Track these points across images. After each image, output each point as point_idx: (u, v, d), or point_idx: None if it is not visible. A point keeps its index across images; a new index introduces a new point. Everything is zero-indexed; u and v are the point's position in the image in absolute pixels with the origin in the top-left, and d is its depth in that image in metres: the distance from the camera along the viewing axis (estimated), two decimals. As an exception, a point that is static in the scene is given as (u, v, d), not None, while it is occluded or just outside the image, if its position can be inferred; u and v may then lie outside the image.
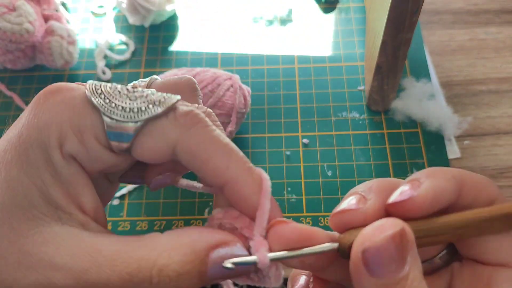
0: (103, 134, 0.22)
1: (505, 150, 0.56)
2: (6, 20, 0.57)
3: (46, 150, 0.21)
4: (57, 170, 0.21)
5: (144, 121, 0.22)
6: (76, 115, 0.22)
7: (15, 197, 0.21)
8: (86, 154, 0.22)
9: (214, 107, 0.52)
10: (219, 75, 0.53)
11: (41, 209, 0.21)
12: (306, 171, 0.56)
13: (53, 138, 0.21)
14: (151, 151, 0.22)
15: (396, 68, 0.53)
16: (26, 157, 0.21)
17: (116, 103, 0.22)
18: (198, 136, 0.22)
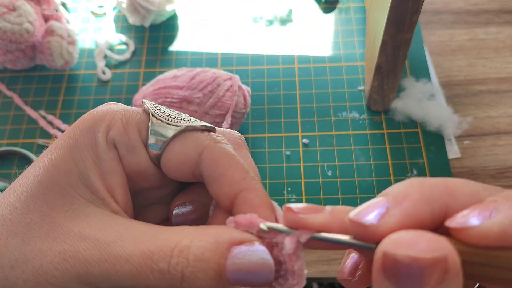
0: (146, 131, 0.24)
1: (505, 150, 0.56)
2: (6, 20, 0.57)
3: (94, 134, 0.23)
4: (99, 155, 0.23)
5: (185, 127, 0.24)
6: (128, 112, 0.25)
7: (56, 175, 0.22)
8: (126, 143, 0.24)
9: (214, 107, 0.52)
10: (219, 75, 0.53)
11: (78, 189, 0.22)
12: (306, 171, 0.56)
13: (103, 124, 0.24)
14: (180, 155, 0.24)
15: (396, 68, 0.53)
16: (75, 141, 0.23)
17: (164, 111, 0.25)
18: (223, 149, 0.24)
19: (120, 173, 0.24)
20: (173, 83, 0.52)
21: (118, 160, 0.24)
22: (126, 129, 0.24)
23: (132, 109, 0.25)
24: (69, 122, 0.61)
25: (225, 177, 0.23)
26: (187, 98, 0.51)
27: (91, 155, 0.23)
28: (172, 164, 0.24)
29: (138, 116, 0.25)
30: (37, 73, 0.66)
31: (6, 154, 0.59)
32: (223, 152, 0.24)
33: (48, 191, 0.22)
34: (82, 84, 0.64)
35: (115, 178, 0.24)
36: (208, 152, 0.24)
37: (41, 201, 0.22)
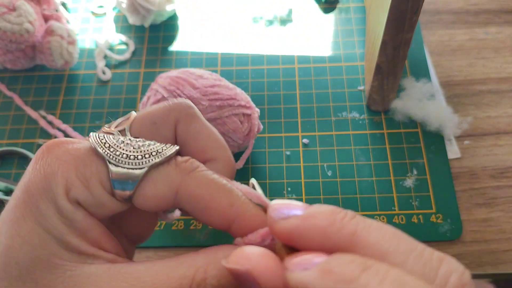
0: (108, 181, 0.23)
1: (505, 150, 0.56)
2: (6, 20, 0.57)
3: (55, 200, 0.22)
4: (68, 218, 0.22)
5: (148, 168, 0.23)
6: (81, 163, 0.22)
7: (33, 251, 0.20)
8: (92, 200, 0.23)
9: (212, 121, 0.51)
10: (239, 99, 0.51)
11: (63, 256, 0.21)
12: (306, 171, 0.56)
13: (60, 187, 0.22)
14: (154, 198, 0.23)
15: (396, 68, 0.53)
16: (37, 209, 0.21)
17: (120, 152, 0.23)
18: (199, 180, 0.23)
19: (97, 225, 0.23)
20: (193, 80, 0.52)
21: (89, 215, 0.23)
22: (88, 187, 0.22)
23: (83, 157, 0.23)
24: (69, 122, 0.61)
25: (211, 210, 0.23)
26: (193, 100, 0.50)
27: (61, 219, 0.21)
28: (148, 206, 0.23)
29: (94, 168, 0.23)
30: (37, 73, 0.66)
31: (6, 154, 0.59)
32: (199, 184, 0.23)
33: (33, 271, 0.20)
34: (82, 84, 0.64)
35: (95, 232, 0.23)
36: (183, 190, 0.23)
37: (32, 284, 0.20)
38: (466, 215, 0.52)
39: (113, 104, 0.62)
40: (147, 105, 0.53)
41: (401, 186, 0.54)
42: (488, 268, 0.49)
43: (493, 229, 0.51)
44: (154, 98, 0.53)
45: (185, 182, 0.23)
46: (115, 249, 0.23)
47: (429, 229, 0.51)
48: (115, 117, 0.61)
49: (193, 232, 0.52)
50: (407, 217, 0.52)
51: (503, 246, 0.50)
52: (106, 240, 0.23)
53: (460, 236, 0.51)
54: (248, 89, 0.62)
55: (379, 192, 0.54)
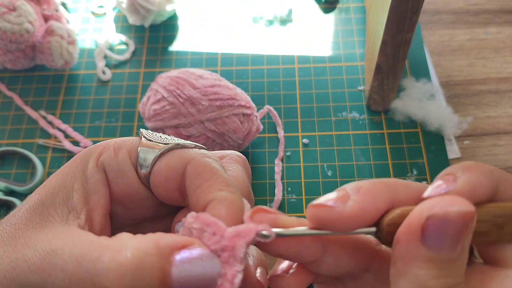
0: (135, 153, 0.25)
1: (505, 150, 0.56)
2: (6, 20, 0.57)
3: (87, 160, 0.25)
4: (87, 177, 0.24)
5: (173, 145, 0.25)
6: (123, 139, 0.26)
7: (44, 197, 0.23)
8: (115, 166, 0.25)
9: (211, 121, 0.51)
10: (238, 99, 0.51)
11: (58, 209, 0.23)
12: (306, 171, 0.56)
13: (97, 151, 0.25)
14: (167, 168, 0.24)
15: (396, 68, 0.53)
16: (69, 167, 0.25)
17: (159, 135, 0.26)
18: (207, 161, 0.24)
19: (103, 195, 0.24)
20: (193, 80, 0.52)
21: (105, 183, 0.25)
22: (117, 154, 0.25)
23: (129, 138, 0.26)
24: (69, 122, 0.61)
25: (202, 188, 0.23)
26: (193, 100, 0.50)
27: (81, 178, 0.24)
28: (158, 181, 0.24)
29: (130, 142, 0.25)
30: (37, 73, 0.66)
31: (6, 154, 0.59)
32: (206, 164, 0.24)
33: (32, 211, 0.23)
34: (82, 84, 0.64)
35: (97, 199, 0.24)
36: (191, 165, 0.24)
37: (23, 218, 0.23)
38: (466, 215, 0.52)
39: (113, 104, 0.62)
40: (147, 105, 0.53)
41: (401, 186, 0.54)
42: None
43: (493, 229, 0.51)
44: (154, 98, 0.53)
45: (195, 160, 0.24)
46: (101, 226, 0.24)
47: (429, 229, 0.51)
48: (115, 117, 0.61)
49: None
50: (407, 217, 0.52)
51: (503, 246, 0.50)
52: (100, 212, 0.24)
53: (460, 236, 0.50)
54: (248, 89, 0.62)
55: (379, 192, 0.54)
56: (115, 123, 0.61)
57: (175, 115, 0.51)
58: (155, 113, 0.52)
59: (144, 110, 0.54)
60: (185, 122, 0.51)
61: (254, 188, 0.55)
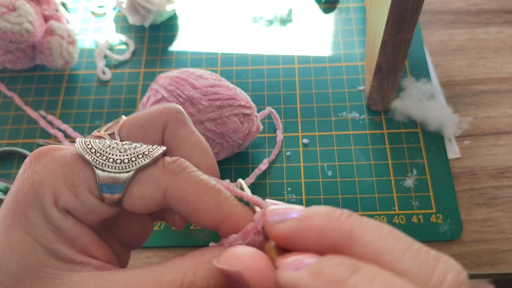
0: (96, 187, 0.23)
1: (505, 150, 0.56)
2: (6, 20, 0.57)
3: (43, 208, 0.22)
4: (57, 226, 0.22)
5: (135, 171, 0.23)
6: (68, 171, 0.23)
7: (22, 260, 0.21)
8: (81, 207, 0.23)
9: (211, 121, 0.51)
10: (238, 99, 0.51)
11: (52, 265, 0.21)
12: (306, 171, 0.56)
13: (48, 195, 0.22)
14: (142, 200, 0.23)
15: (396, 68, 0.53)
16: (25, 218, 0.21)
17: (107, 156, 0.23)
18: (187, 181, 0.23)
19: (86, 232, 0.23)
20: (193, 80, 0.52)
21: (79, 223, 0.23)
22: (76, 194, 0.23)
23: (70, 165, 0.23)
24: (69, 122, 0.61)
25: (199, 211, 0.23)
26: (192, 100, 0.50)
27: (50, 228, 0.22)
28: (137, 208, 0.24)
29: (82, 175, 0.23)
30: (37, 73, 0.66)
31: (6, 154, 0.59)
32: (187, 185, 0.23)
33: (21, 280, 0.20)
34: (82, 84, 0.64)
35: (85, 239, 0.23)
36: (172, 192, 0.23)
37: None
38: (466, 215, 0.52)
39: (113, 104, 0.62)
40: (147, 105, 0.53)
41: (401, 186, 0.54)
42: (488, 268, 0.49)
43: (493, 229, 0.51)
44: (154, 98, 0.53)
45: (173, 184, 0.23)
46: (105, 256, 0.23)
47: (429, 229, 0.51)
48: (115, 117, 0.61)
49: (193, 232, 0.52)
50: (407, 217, 0.52)
51: (503, 246, 0.50)
52: (95, 247, 0.23)
53: (460, 236, 0.51)
54: (248, 89, 0.62)
55: (379, 192, 0.54)
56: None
57: (175, 115, 0.51)
58: (155, 113, 0.52)
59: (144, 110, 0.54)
60: (185, 122, 0.51)
61: (254, 188, 0.55)
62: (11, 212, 0.22)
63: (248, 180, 0.55)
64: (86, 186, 0.23)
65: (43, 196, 0.22)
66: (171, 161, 0.24)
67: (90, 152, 0.23)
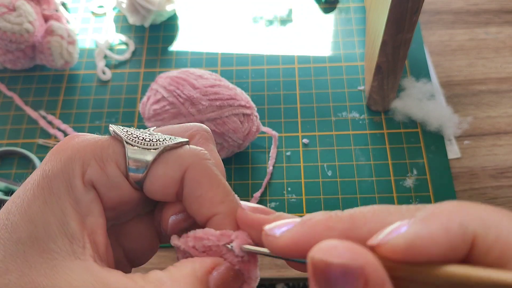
0: (123, 162, 0.24)
1: (505, 150, 0.56)
2: (6, 20, 0.57)
3: (69, 179, 0.22)
4: (77, 198, 0.22)
5: (162, 148, 0.24)
6: (99, 147, 0.24)
7: (34, 230, 0.21)
8: (106, 181, 0.23)
9: (211, 121, 0.51)
10: (238, 99, 0.51)
11: (58, 242, 0.21)
12: (306, 171, 0.56)
13: (77, 167, 0.23)
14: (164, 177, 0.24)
15: (396, 68, 0.53)
16: (49, 189, 0.22)
17: (137, 135, 0.24)
18: (207, 168, 0.24)
19: (99, 214, 0.23)
20: (193, 80, 0.52)
21: (97, 200, 0.23)
22: (103, 168, 0.23)
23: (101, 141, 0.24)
24: (69, 122, 0.61)
25: (204, 199, 0.24)
26: (193, 100, 0.50)
27: (69, 200, 0.22)
28: (156, 188, 0.24)
29: (111, 150, 0.24)
30: (37, 73, 0.66)
31: (6, 154, 0.59)
32: (206, 172, 0.24)
33: (27, 249, 0.21)
34: (82, 84, 0.64)
35: (95, 220, 0.23)
36: (191, 172, 0.24)
37: (21, 260, 0.21)
38: (466, 215, 0.52)
39: (113, 104, 0.62)
40: (147, 105, 0.53)
41: (401, 186, 0.54)
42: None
43: (493, 229, 0.51)
44: (154, 98, 0.53)
45: (195, 165, 0.24)
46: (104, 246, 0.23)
47: (429, 229, 0.51)
48: (115, 117, 0.61)
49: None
50: (407, 217, 0.52)
51: (503, 246, 0.50)
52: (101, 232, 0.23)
53: (460, 236, 0.50)
54: (248, 89, 0.62)
55: (379, 192, 0.54)
56: (115, 123, 0.61)
57: (175, 115, 0.51)
58: (155, 113, 0.52)
59: (144, 110, 0.54)
60: (185, 122, 0.51)
61: (254, 188, 0.55)
62: (36, 184, 0.22)
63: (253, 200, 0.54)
64: (114, 160, 0.23)
65: (72, 167, 0.22)
66: (198, 147, 0.25)
67: (123, 131, 0.24)
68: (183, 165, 0.24)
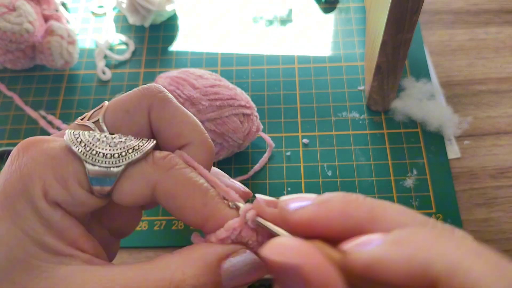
0: (85, 180, 0.23)
1: (505, 150, 0.56)
2: (6, 20, 0.57)
3: (32, 201, 0.22)
4: (46, 219, 0.22)
5: (125, 165, 0.23)
6: (57, 164, 0.22)
7: (10, 252, 0.21)
8: (71, 200, 0.23)
9: (212, 121, 0.51)
10: (238, 99, 0.51)
11: (40, 257, 0.21)
12: (306, 171, 0.56)
13: (37, 188, 0.22)
14: (132, 194, 0.23)
15: (396, 68, 0.53)
16: (14, 211, 0.21)
17: (96, 150, 0.23)
18: (175, 178, 0.23)
19: (75, 225, 0.23)
20: (193, 80, 0.52)
21: (67, 216, 0.23)
22: (66, 187, 0.22)
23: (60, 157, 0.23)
24: (69, 122, 0.61)
25: (185, 209, 0.23)
26: (192, 100, 0.50)
27: (38, 220, 0.21)
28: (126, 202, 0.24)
29: (71, 168, 0.23)
30: (37, 73, 0.66)
31: (6, 154, 0.59)
32: (176, 182, 0.23)
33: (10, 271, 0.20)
34: (82, 84, 0.64)
35: (73, 231, 0.22)
36: (160, 188, 0.23)
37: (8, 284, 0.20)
38: (466, 215, 0.52)
39: (113, 104, 0.62)
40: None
41: (401, 186, 0.54)
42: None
43: (493, 229, 0.51)
44: (154, 98, 0.53)
45: (162, 180, 0.23)
46: (94, 249, 0.23)
47: (429, 229, 0.51)
48: (115, 117, 0.61)
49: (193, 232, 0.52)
50: (407, 217, 0.52)
51: (503, 246, 0.50)
52: (84, 240, 0.23)
53: (460, 236, 0.50)
54: (248, 89, 0.62)
55: (379, 192, 0.54)
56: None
57: (175, 115, 0.51)
58: (155, 113, 0.52)
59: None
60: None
61: (254, 188, 0.55)
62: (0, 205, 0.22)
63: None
64: (76, 179, 0.22)
65: (32, 189, 0.22)
66: (161, 157, 0.24)
67: (80, 146, 0.23)
68: (150, 182, 0.23)
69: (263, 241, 0.23)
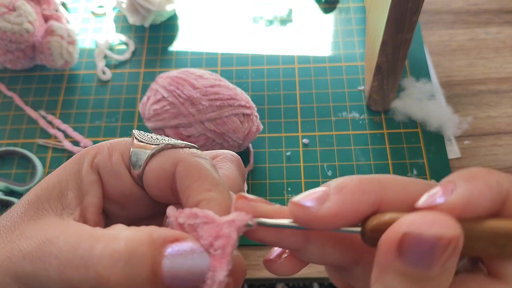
0: (128, 155, 0.26)
1: (505, 150, 0.56)
2: (6, 20, 0.57)
3: (82, 162, 0.26)
4: (81, 178, 0.25)
5: (164, 145, 0.25)
6: (117, 141, 0.27)
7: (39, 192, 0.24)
8: (109, 169, 0.25)
9: (211, 121, 0.51)
10: (238, 99, 0.51)
11: (52, 204, 0.24)
12: (306, 171, 0.56)
13: (91, 153, 0.26)
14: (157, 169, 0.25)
15: (396, 68, 0.53)
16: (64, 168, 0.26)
17: (151, 136, 0.26)
18: (195, 162, 0.25)
19: (97, 195, 0.25)
20: (193, 80, 0.52)
21: (99, 184, 0.25)
22: (110, 156, 0.26)
23: (123, 139, 0.27)
24: (69, 122, 0.61)
25: (192, 189, 0.24)
26: (192, 100, 0.50)
27: (75, 178, 0.25)
28: (151, 181, 0.25)
29: (123, 144, 0.26)
30: (37, 73, 0.66)
31: (6, 154, 0.59)
32: (195, 163, 0.24)
33: (28, 205, 0.24)
34: (82, 84, 0.64)
35: (91, 199, 0.25)
36: (181, 165, 0.24)
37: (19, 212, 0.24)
38: (466, 215, 0.52)
39: (113, 104, 0.62)
40: (147, 105, 0.53)
41: (401, 186, 0.54)
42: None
43: (493, 229, 0.51)
44: (154, 98, 0.53)
45: (185, 159, 0.25)
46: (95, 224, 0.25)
47: (429, 229, 0.51)
48: (115, 117, 0.61)
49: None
50: (407, 217, 0.52)
51: (503, 246, 0.50)
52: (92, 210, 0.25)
53: (460, 236, 0.51)
54: (248, 89, 0.62)
55: (379, 192, 0.54)
56: (115, 123, 0.61)
57: (175, 115, 0.51)
58: (155, 113, 0.52)
59: (144, 110, 0.54)
60: (185, 122, 0.51)
61: (254, 188, 0.55)
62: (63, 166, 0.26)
63: None
64: (121, 151, 0.26)
65: (88, 154, 0.26)
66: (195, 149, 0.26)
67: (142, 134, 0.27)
68: (176, 159, 0.25)
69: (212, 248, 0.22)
